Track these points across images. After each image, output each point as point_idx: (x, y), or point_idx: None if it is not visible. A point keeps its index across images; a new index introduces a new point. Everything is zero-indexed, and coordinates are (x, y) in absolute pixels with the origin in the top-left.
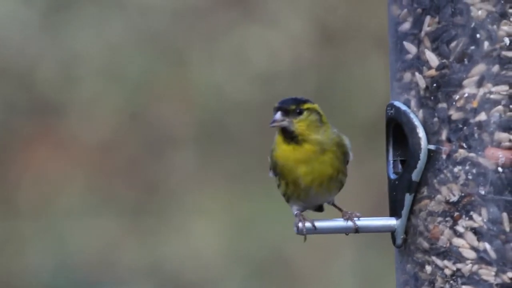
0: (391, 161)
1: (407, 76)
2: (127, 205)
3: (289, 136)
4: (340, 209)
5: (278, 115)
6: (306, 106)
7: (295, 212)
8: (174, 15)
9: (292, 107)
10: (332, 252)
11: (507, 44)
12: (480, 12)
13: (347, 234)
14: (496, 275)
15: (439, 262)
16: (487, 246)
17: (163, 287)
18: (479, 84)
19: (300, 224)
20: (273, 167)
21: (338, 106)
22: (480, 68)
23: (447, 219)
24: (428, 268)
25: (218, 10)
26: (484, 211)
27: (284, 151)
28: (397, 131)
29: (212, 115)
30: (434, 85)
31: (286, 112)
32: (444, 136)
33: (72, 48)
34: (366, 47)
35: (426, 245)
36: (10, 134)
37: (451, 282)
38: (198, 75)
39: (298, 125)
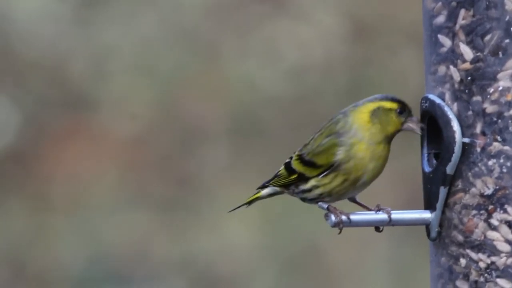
0: (426, 154)
1: (442, 69)
2: (160, 200)
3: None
4: (365, 206)
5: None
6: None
7: (326, 206)
8: (206, 9)
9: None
10: (365, 245)
11: None
12: None
13: (381, 231)
14: None
15: (473, 255)
16: None
17: (195, 282)
18: None
19: (337, 218)
20: (341, 163)
21: None
22: None
23: (481, 212)
24: (463, 261)
25: (250, 4)
26: None
27: (368, 147)
28: (432, 124)
29: (244, 110)
30: (469, 78)
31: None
32: (478, 129)
33: (104, 43)
34: (398, 41)
35: (460, 238)
36: (42, 129)
37: (486, 275)
38: (230, 69)
39: None
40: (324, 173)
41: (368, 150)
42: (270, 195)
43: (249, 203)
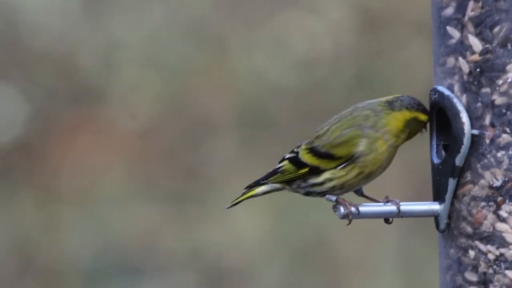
0: (435, 146)
1: (451, 61)
2: (168, 192)
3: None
4: (373, 199)
5: None
6: None
7: (335, 198)
8: (214, 2)
9: None
10: (374, 237)
11: None
12: None
13: (390, 223)
14: None
15: (482, 247)
16: None
17: (204, 274)
18: None
19: (346, 209)
20: (361, 155)
21: (378, 93)
22: None
23: (490, 203)
24: (472, 253)
25: None
26: None
27: (388, 148)
28: (441, 116)
29: (252, 102)
30: (478, 70)
31: None
32: (487, 121)
33: (112, 35)
34: (407, 33)
35: (469, 229)
36: (50, 121)
37: (495, 267)
38: (238, 61)
39: None
40: (342, 165)
41: (387, 150)
42: (266, 193)
43: (238, 202)
